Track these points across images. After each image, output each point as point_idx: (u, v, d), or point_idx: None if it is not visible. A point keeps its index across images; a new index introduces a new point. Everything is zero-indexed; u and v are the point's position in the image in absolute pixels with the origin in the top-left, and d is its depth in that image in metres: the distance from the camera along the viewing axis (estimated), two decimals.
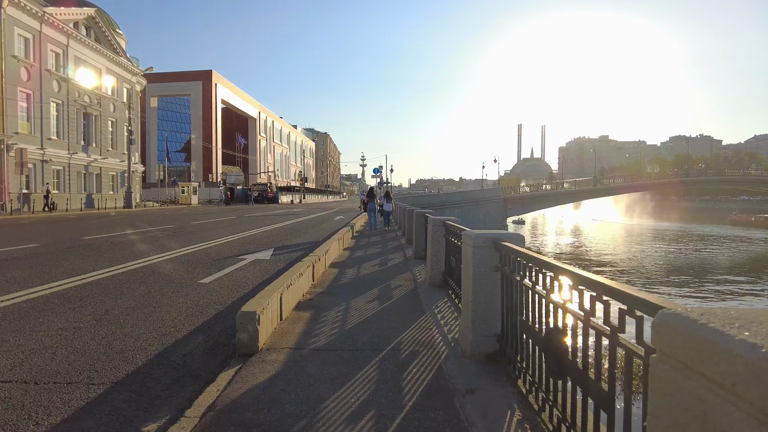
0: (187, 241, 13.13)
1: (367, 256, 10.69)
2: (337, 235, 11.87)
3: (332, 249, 9.63)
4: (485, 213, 49.26)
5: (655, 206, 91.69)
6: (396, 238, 14.86)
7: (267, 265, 9.17)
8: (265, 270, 8.63)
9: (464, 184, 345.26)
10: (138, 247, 11.76)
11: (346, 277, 7.89)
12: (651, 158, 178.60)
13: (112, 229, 17.16)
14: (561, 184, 61.39)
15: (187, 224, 20.21)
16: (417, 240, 9.96)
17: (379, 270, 8.68)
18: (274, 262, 9.57)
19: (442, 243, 6.56)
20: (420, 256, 9.65)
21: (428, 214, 8.77)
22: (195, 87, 73.31)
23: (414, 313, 5.27)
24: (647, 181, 61.50)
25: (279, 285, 5.08)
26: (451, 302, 5.59)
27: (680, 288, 22.01)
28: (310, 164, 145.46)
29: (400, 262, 9.63)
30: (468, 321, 3.73)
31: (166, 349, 4.20)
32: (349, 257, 10.55)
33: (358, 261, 9.85)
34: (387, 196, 20.20)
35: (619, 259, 33.10)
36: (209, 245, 12.36)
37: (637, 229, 59.81)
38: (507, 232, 3.72)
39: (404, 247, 12.06)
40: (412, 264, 9.06)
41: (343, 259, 10.21)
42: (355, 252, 11.52)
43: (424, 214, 9.43)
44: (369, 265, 9.25)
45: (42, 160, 31.40)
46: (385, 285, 7.09)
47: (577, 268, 2.29)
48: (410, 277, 7.72)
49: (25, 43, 30.18)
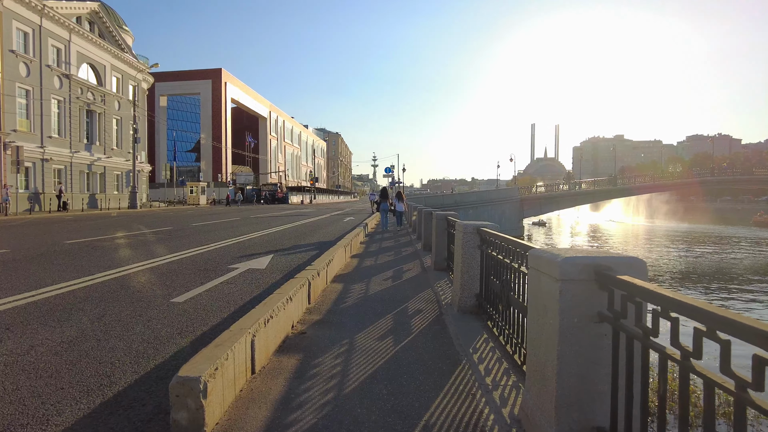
0: (179, 246, 11.79)
1: (377, 266, 9.17)
2: (344, 240, 10.40)
3: (336, 258, 8.15)
4: (501, 214, 47.50)
5: (674, 207, 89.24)
6: (410, 243, 13.35)
7: (260, 277, 7.73)
8: (257, 283, 7.20)
9: (476, 185, 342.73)
10: (119, 254, 10.39)
11: (351, 296, 6.39)
12: (668, 158, 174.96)
13: (102, 232, 15.88)
14: (579, 184, 59.36)
15: (186, 226, 18.92)
16: (437, 248, 8.42)
17: (393, 286, 7.15)
18: (270, 273, 8.13)
19: (476, 256, 5.02)
20: (441, 267, 8.13)
21: (453, 218, 7.27)
22: (204, 86, 72.47)
23: (443, 361, 3.74)
24: (670, 181, 59.14)
25: (253, 319, 3.61)
26: (495, 342, 4.05)
27: (719, 294, 20.27)
28: (322, 164, 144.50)
29: (418, 275, 8.11)
30: (550, 404, 2.22)
31: (77, 423, 2.74)
32: (357, 266, 9.06)
33: (368, 273, 8.33)
34: (399, 196, 19.90)
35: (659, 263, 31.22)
36: (201, 251, 10.99)
37: (660, 230, 57.71)
38: (620, 256, 2.11)
39: (420, 254, 10.54)
40: (432, 277, 7.53)
41: (350, 269, 8.71)
42: (365, 260, 10.02)
43: (447, 217, 7.92)
44: (380, 279, 7.72)
45: (42, 158, 30.39)
46: (400, 310, 5.58)
47: None
48: (432, 296, 6.22)
49: (25, 37, 29.15)
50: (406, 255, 10.90)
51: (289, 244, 12.61)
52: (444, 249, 8.11)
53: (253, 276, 7.86)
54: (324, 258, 7.37)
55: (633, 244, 45.16)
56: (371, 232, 17.18)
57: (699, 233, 53.33)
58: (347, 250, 9.91)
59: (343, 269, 8.60)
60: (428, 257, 9.57)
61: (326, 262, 7.07)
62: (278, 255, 10.51)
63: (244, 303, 5.87)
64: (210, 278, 7.54)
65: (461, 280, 5.19)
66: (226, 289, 6.80)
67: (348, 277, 7.83)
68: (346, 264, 9.19)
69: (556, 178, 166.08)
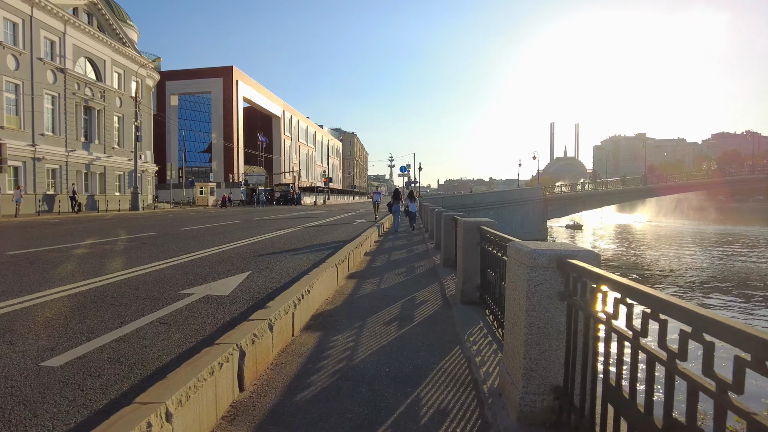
0: (143, 258, 9.52)
1: (379, 295, 6.55)
2: (339, 254, 7.85)
3: (320, 284, 5.62)
4: (523, 215, 44.58)
5: (703, 207, 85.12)
6: (427, 255, 10.73)
7: (212, 312, 5.28)
8: (200, 324, 4.74)
9: (494, 185, 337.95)
10: (55, 271, 8.03)
11: (327, 365, 3.81)
12: (695, 157, 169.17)
13: (68, 239, 13.66)
14: (606, 184, 56.02)
15: (172, 231, 16.63)
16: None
17: (399, 337, 4.53)
18: (230, 304, 5.69)
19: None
20: (472, 300, 5.50)
21: (514, 245, 4.75)
22: (215, 84, 70.71)
23: None
24: (704, 180, 55.31)
25: None
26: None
27: None
28: (337, 164, 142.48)
29: (442, 323, 5.49)
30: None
31: None
32: (351, 295, 6.47)
33: (363, 308, 5.72)
34: (411, 196, 20.01)
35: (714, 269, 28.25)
36: (164, 265, 8.64)
37: (694, 232, 54.15)
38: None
39: (440, 274, 7.90)
40: (463, 321, 4.89)
41: (338, 303, 6.11)
42: (364, 284, 7.42)
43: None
44: (379, 324, 5.10)
45: (33, 157, 28.47)
46: (415, 403, 3.02)
47: None
48: (466, 361, 3.64)
49: (14, 28, 27.24)
50: (420, 273, 8.28)
51: (277, 256, 10.14)
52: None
53: (205, 308, 5.43)
54: (302, 285, 4.85)
55: (675, 247, 41.81)
56: (382, 235, 14.68)
57: (738, 234, 49.65)
58: (343, 266, 7.37)
59: (327, 302, 6.04)
60: (450, 279, 6.97)
61: (303, 292, 4.55)
62: (256, 273, 8.04)
63: (154, 371, 3.38)
64: (143, 312, 5.19)
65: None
66: (149, 336, 4.35)
67: (331, 318, 5.26)
68: (336, 289, 6.63)
69: (577, 177, 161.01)
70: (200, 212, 34.66)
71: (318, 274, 5.75)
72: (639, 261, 33.25)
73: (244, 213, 32.27)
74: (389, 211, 20.90)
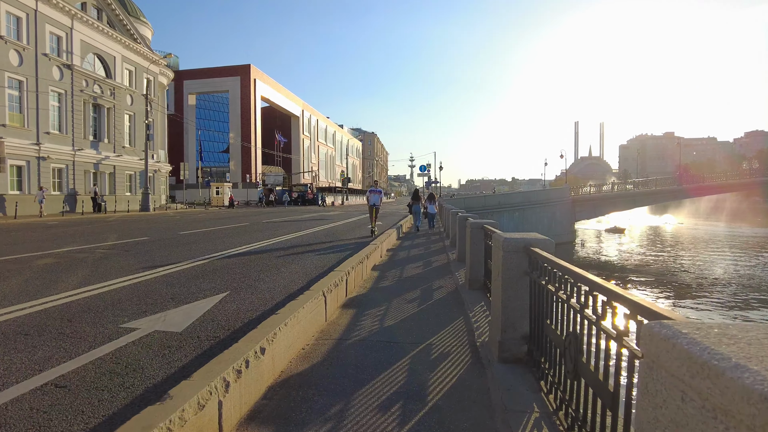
0: (111, 272, 8.03)
1: (376, 341, 4.69)
2: (334, 275, 6.01)
3: (291, 331, 3.79)
4: (550, 216, 42.08)
5: (740, 209, 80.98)
6: (447, 269, 8.82)
7: (144, 364, 3.64)
8: (109, 397, 2.98)
9: (517, 185, 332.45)
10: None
11: None
12: (725, 156, 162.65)
13: (48, 245, 12.25)
14: (638, 184, 53.03)
15: (167, 236, 15.08)
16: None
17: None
18: (176, 350, 4.04)
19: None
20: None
21: (496, 235, 2.91)
22: (233, 82, 69.81)
23: None
24: (747, 180, 51.47)
25: None
26: None
27: None
28: (357, 164, 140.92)
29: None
30: None
31: None
32: (341, 340, 4.62)
33: (354, 359, 3.88)
34: (431, 197, 20.20)
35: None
36: (129, 282, 7.19)
37: (741, 234, 50.91)
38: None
39: (464, 298, 6.02)
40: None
41: (317, 357, 4.27)
42: (364, 312, 5.57)
43: None
44: (371, 401, 3.28)
45: (38, 156, 27.36)
46: None
47: None
48: None
49: (17, 22, 26.16)
50: (439, 300, 6.41)
51: (268, 270, 8.36)
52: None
53: (138, 356, 3.85)
54: (276, 322, 3.04)
55: (736, 251, 38.89)
56: (400, 237, 12.84)
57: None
58: (338, 288, 5.54)
59: (313, 336, 4.21)
60: (477, 309, 5.10)
61: (270, 333, 2.75)
62: (235, 294, 6.33)
63: None
64: (48, 361, 3.82)
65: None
66: (13, 419, 2.61)
67: (309, 377, 3.44)
68: (329, 321, 4.79)
69: (602, 177, 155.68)
70: (211, 213, 33.29)
71: (290, 313, 3.93)
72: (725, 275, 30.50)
73: (257, 214, 30.80)
74: (410, 212, 21.03)
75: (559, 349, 2.84)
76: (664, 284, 25.29)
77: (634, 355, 1.75)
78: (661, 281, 26.10)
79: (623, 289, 1.97)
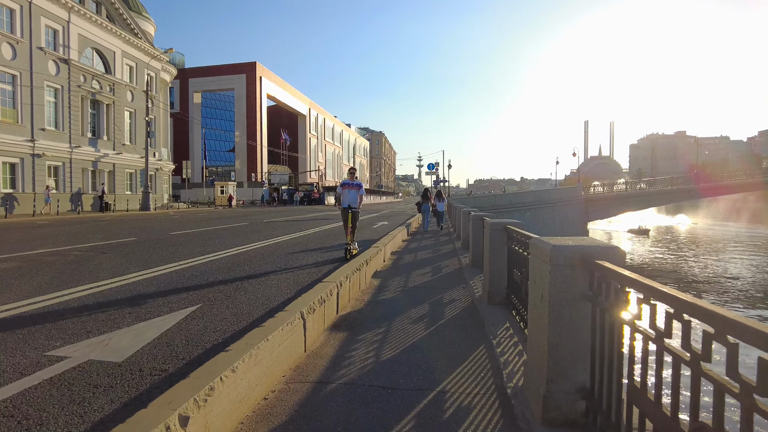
0: (74, 278, 7.00)
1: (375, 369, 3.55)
2: (320, 288, 4.87)
3: (256, 362, 2.66)
4: (563, 216, 40.73)
5: (756, 208, 79.01)
6: (460, 277, 7.66)
7: (52, 416, 2.46)
8: None
9: (527, 184, 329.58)
10: None
11: None
12: (738, 155, 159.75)
13: (16, 247, 11.22)
14: (653, 182, 51.43)
15: (156, 236, 14.09)
16: None
17: None
18: (103, 393, 2.91)
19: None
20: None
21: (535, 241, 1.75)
22: (238, 80, 68.95)
23: None
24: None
25: None
26: None
27: None
28: (364, 164, 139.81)
29: None
30: None
31: None
32: (335, 358, 3.48)
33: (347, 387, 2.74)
34: (439, 195, 20.58)
35: None
36: (87, 291, 6.17)
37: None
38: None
39: (484, 317, 4.85)
40: None
41: (312, 373, 3.13)
42: (357, 336, 4.42)
43: None
44: None
45: (32, 153, 26.45)
46: None
47: None
48: None
49: (10, 14, 25.25)
50: (452, 319, 5.26)
51: (253, 277, 7.24)
52: None
53: (42, 403, 2.64)
54: (219, 367, 1.92)
55: None
56: (409, 235, 11.72)
57: None
58: (306, 320, 4.42)
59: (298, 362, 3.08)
60: (503, 330, 3.94)
61: (205, 388, 1.63)
62: (207, 308, 5.26)
63: None
64: None
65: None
66: None
67: None
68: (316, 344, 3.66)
69: (612, 177, 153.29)
70: (212, 213, 32.30)
71: (244, 351, 2.80)
72: None
73: (259, 213, 29.80)
74: (418, 211, 21.19)
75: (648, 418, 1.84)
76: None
77: None
78: None
79: None
